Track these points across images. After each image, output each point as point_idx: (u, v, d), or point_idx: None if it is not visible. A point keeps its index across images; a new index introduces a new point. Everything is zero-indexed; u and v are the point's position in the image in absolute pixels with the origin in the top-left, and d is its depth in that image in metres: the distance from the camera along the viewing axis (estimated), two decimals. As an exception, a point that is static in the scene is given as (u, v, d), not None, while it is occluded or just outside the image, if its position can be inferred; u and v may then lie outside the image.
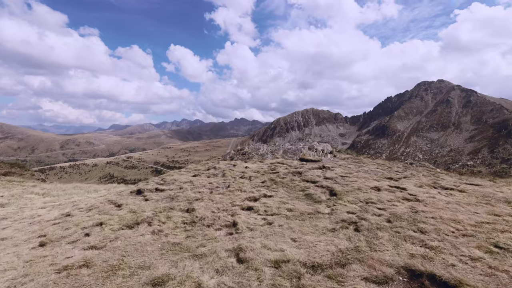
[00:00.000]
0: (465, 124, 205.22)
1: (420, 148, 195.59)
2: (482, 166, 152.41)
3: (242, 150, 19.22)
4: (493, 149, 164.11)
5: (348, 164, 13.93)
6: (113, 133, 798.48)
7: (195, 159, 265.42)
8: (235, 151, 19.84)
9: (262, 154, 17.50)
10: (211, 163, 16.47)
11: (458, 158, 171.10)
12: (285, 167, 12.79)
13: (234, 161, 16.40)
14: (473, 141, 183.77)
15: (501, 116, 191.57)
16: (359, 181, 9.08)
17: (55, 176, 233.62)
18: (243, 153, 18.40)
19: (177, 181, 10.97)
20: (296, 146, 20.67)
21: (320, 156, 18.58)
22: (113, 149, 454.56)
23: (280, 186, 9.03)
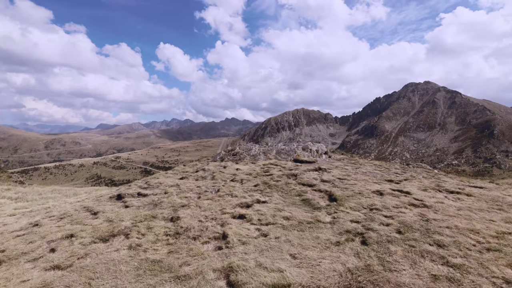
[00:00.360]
0: (450, 125, 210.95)
1: (407, 148, 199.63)
2: (466, 165, 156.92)
3: (233, 151, 18.41)
4: (476, 148, 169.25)
5: (344, 165, 13.48)
6: (100, 132, 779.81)
7: (185, 159, 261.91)
8: (225, 151, 18.99)
9: (254, 155, 16.74)
10: (200, 164, 15.68)
11: (443, 157, 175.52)
12: (279, 168, 12.20)
13: (225, 162, 15.67)
14: (458, 141, 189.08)
15: (484, 117, 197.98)
16: (359, 184, 8.57)
17: (39, 177, 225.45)
18: (234, 153, 17.59)
19: (163, 185, 10.13)
20: (289, 146, 19.93)
21: (315, 156, 17.97)
22: (101, 149, 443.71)
23: (274, 190, 8.38)
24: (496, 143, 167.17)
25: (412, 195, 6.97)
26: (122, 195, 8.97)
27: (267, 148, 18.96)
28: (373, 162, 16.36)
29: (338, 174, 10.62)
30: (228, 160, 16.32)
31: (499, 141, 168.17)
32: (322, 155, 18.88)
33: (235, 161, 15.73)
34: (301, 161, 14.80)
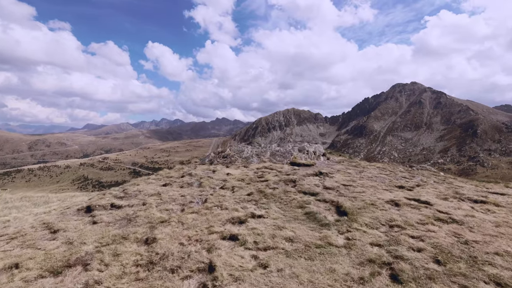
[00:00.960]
0: (436, 124, 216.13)
1: (396, 147, 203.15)
2: (452, 163, 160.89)
3: (224, 153, 17.07)
4: (461, 147, 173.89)
5: (346, 168, 12.45)
6: (87, 133, 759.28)
7: (175, 159, 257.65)
8: (215, 153, 17.73)
9: (247, 157, 15.49)
10: (187, 168, 14.31)
11: (430, 156, 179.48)
12: (274, 173, 11.10)
13: (214, 165, 14.41)
14: (443, 140, 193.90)
15: (468, 117, 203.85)
16: (368, 192, 7.55)
17: (22, 179, 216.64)
18: (224, 156, 16.33)
19: (142, 193, 8.82)
20: (284, 147, 18.67)
21: (312, 159, 16.76)
22: (88, 149, 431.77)
23: (271, 201, 7.30)
24: (479, 142, 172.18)
25: (433, 206, 5.97)
26: (92, 207, 7.59)
27: (261, 149, 17.66)
28: (375, 165, 15.33)
29: (341, 179, 9.57)
30: (217, 163, 15.02)
31: (482, 140, 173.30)
32: (320, 157, 17.75)
33: (226, 164, 14.48)
34: (298, 164, 13.74)
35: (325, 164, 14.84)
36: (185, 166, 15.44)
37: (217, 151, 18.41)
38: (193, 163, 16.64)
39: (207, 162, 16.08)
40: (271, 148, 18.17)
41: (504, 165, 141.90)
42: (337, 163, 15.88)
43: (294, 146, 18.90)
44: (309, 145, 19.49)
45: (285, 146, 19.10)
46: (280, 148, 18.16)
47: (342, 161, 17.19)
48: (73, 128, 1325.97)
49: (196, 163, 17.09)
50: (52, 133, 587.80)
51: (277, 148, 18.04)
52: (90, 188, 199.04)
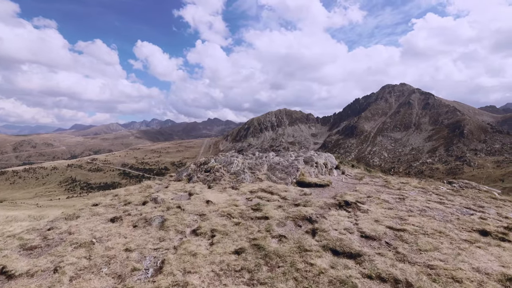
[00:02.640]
0: (424, 125, 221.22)
1: (385, 147, 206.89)
2: (439, 163, 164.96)
3: (207, 165, 13.49)
4: (448, 147, 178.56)
5: (376, 191, 9.61)
6: (75, 133, 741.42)
7: (166, 160, 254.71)
8: (196, 165, 14.07)
9: (236, 172, 11.96)
10: (156, 186, 11.47)
11: (418, 156, 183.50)
12: (277, 202, 8.21)
13: (193, 183, 11.38)
14: (431, 140, 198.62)
15: (455, 118, 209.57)
16: (444, 249, 4.89)
17: (6, 182, 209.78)
18: (207, 169, 12.79)
19: (68, 240, 5.76)
20: (286, 158, 14.95)
21: (324, 173, 13.52)
22: (76, 150, 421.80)
23: (279, 275, 4.29)
24: (466, 142, 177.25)
25: None
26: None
27: (255, 161, 14.03)
28: (408, 182, 11.88)
29: (382, 215, 6.72)
30: (197, 181, 11.77)
31: (469, 140, 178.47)
32: (333, 171, 14.53)
33: (208, 183, 11.26)
34: (308, 184, 10.73)
35: (343, 183, 11.91)
36: (153, 183, 12.27)
37: (198, 162, 14.66)
38: (166, 179, 13.42)
39: (185, 177, 12.69)
40: (268, 159, 14.37)
41: (490, 164, 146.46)
42: (358, 180, 12.85)
43: (298, 156, 15.56)
44: (317, 155, 15.97)
45: (286, 155, 15.74)
46: (281, 159, 14.51)
47: (362, 176, 14.02)
48: (60, 129, 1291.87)
49: (170, 178, 13.44)
50: (38, 134, 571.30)
51: (277, 159, 14.34)
52: (78, 189, 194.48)
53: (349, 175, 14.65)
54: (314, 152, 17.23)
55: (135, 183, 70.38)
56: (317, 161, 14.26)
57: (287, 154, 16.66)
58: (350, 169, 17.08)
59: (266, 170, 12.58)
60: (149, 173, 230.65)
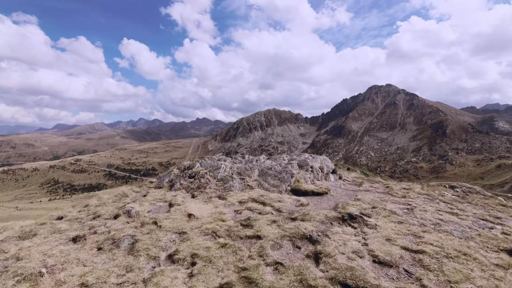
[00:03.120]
0: (409, 125, 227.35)
1: (372, 146, 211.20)
2: (423, 162, 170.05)
3: (192, 169, 12.39)
4: (431, 146, 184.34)
5: (380, 199, 9.06)
6: (57, 133, 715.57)
7: (154, 160, 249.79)
8: (179, 170, 13.03)
9: (224, 178, 10.92)
10: (133, 195, 10.36)
11: (404, 155, 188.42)
12: (270, 215, 7.36)
13: (174, 192, 10.38)
14: (416, 139, 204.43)
15: (438, 118, 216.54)
16: (476, 277, 4.26)
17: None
18: (192, 174, 11.80)
19: (11, 270, 4.67)
20: (278, 161, 13.99)
21: (320, 179, 12.76)
22: (58, 151, 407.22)
23: None
24: (448, 141, 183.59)
25: None
26: None
27: (244, 165, 12.90)
28: (411, 187, 11.30)
29: (393, 231, 6.04)
30: (180, 188, 10.73)
31: (451, 140, 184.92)
32: (329, 176, 13.63)
33: (192, 191, 10.20)
34: (305, 192, 9.91)
35: (342, 190, 11.07)
36: (130, 191, 10.96)
37: (182, 166, 13.39)
38: (145, 186, 12.21)
39: (166, 183, 11.60)
40: (259, 163, 13.26)
41: (470, 163, 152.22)
42: (357, 185, 12.12)
43: (291, 159, 14.48)
44: (312, 158, 14.92)
45: (279, 159, 14.69)
46: (273, 163, 13.44)
47: (361, 181, 13.25)
48: (42, 128, 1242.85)
49: (150, 184, 12.18)
50: (17, 134, 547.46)
51: (269, 163, 13.26)
52: (61, 191, 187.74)
53: (346, 180, 13.89)
54: (308, 155, 16.08)
55: (121, 184, 69.31)
56: (313, 165, 13.31)
57: (279, 157, 15.52)
58: (346, 172, 16.30)
59: (257, 176, 11.51)
60: (136, 174, 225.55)
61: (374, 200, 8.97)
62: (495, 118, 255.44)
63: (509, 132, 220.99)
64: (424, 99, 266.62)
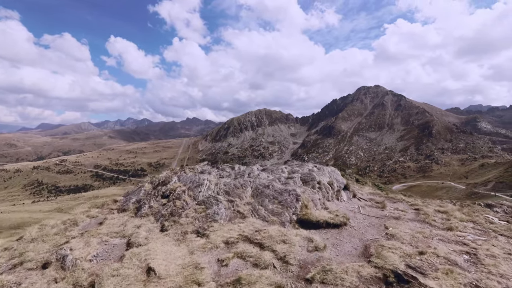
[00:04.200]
0: (396, 125, 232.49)
1: (361, 146, 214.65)
2: (411, 161, 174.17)
3: (167, 185, 10.04)
4: (418, 146, 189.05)
5: (420, 232, 7.08)
6: (41, 133, 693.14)
7: (143, 161, 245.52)
8: (152, 185, 10.66)
9: (207, 200, 8.56)
10: (89, 220, 8.36)
11: (392, 155, 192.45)
12: (271, 270, 5.16)
13: (140, 217, 8.21)
14: (403, 139, 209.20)
15: (424, 118, 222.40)
16: None
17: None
18: (165, 193, 9.47)
19: None
20: (276, 174, 11.52)
21: (331, 197, 10.31)
22: (42, 151, 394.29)
23: None
24: (434, 141, 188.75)
25: None
26: None
27: (234, 180, 10.24)
28: (443, 207, 9.77)
29: None
30: (148, 214, 8.37)
31: (436, 140, 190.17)
32: (341, 193, 11.05)
33: (163, 219, 7.89)
34: (316, 223, 7.55)
35: (363, 216, 8.79)
36: (83, 217, 8.65)
37: (156, 180, 11.03)
38: (106, 207, 9.66)
39: (132, 205, 9.15)
40: (253, 177, 10.69)
41: (455, 162, 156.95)
42: (378, 208, 9.85)
43: (292, 171, 11.93)
44: (318, 170, 12.33)
45: (277, 171, 12.04)
46: (270, 176, 11.02)
47: (380, 200, 10.97)
48: (25, 128, 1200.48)
49: (113, 205, 9.68)
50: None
51: (265, 178, 10.69)
52: (46, 193, 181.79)
53: (362, 198, 11.44)
54: (312, 166, 13.48)
55: (109, 185, 67.48)
56: (320, 180, 10.60)
57: (277, 169, 12.77)
58: (357, 186, 14.01)
59: (250, 197, 8.96)
60: (124, 174, 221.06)
61: (414, 237, 6.69)
62: (478, 119, 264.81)
63: (491, 133, 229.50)
64: (411, 100, 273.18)
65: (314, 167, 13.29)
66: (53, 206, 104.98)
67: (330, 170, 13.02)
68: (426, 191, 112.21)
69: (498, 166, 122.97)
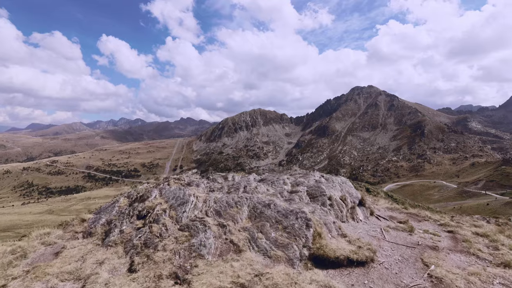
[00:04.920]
0: (390, 125, 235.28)
1: (355, 146, 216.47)
2: (403, 161, 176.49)
3: (143, 202, 8.19)
4: (411, 146, 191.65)
5: (475, 274, 5.55)
6: (32, 133, 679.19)
7: (136, 161, 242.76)
8: (129, 199, 8.82)
9: (192, 225, 6.86)
10: (43, 247, 6.69)
11: (385, 154, 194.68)
12: None
13: (106, 247, 6.49)
14: (396, 139, 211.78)
15: (416, 118, 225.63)
16: None
17: None
18: (142, 212, 7.71)
19: None
20: (277, 186, 9.96)
21: (346, 217, 8.69)
22: (33, 152, 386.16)
23: None
24: (426, 141, 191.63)
25: None
26: None
27: (227, 195, 8.63)
28: (485, 230, 8.34)
29: None
30: (117, 243, 6.65)
31: (428, 139, 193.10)
32: (356, 210, 9.36)
33: (133, 251, 6.20)
34: (335, 260, 5.88)
35: (393, 247, 7.12)
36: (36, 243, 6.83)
37: (134, 194, 9.06)
38: (71, 228, 8.05)
39: (101, 227, 7.36)
40: (249, 192, 9.22)
41: (447, 161, 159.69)
42: (405, 231, 8.22)
43: (296, 183, 10.31)
44: (326, 181, 10.81)
45: (278, 183, 10.35)
46: (270, 190, 9.56)
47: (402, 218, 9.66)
48: (15, 128, 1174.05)
49: (78, 227, 7.83)
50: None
51: (263, 192, 9.31)
52: (36, 195, 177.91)
53: (381, 216, 9.79)
54: (319, 175, 11.67)
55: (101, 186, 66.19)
56: (331, 195, 8.93)
57: (278, 179, 10.80)
58: (370, 199, 12.26)
59: (246, 219, 7.37)
60: (117, 175, 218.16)
61: (470, 283, 5.23)
62: (469, 119, 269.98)
63: (481, 132, 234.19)
64: (403, 100, 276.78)
65: (321, 177, 11.48)
66: (43, 208, 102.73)
67: (341, 181, 11.19)
68: (419, 190, 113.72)
69: (488, 165, 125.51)
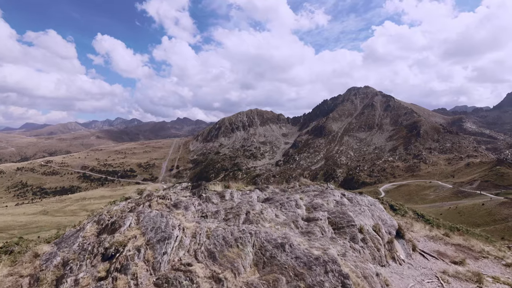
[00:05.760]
0: (386, 125, 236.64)
1: (352, 146, 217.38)
2: (400, 161, 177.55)
3: (113, 234, 6.05)
4: (407, 146, 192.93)
5: None
6: (26, 133, 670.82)
7: (133, 161, 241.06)
8: (98, 224, 6.82)
9: (172, 279, 4.53)
10: None
11: (381, 154, 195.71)
12: None
13: None
14: (392, 139, 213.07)
15: (412, 119, 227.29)
16: None
17: None
18: (109, 250, 5.51)
19: None
20: (289, 210, 7.53)
21: (383, 258, 6.51)
22: (27, 152, 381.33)
23: None
24: (422, 141, 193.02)
25: None
26: None
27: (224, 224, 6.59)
28: None
29: None
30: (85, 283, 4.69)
31: (424, 140, 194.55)
32: (394, 246, 7.02)
33: None
34: None
35: None
36: None
37: (104, 218, 7.02)
38: (17, 267, 5.74)
39: (53, 270, 5.40)
40: (253, 221, 6.66)
41: (442, 161, 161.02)
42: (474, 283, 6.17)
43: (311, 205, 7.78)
44: (349, 202, 8.09)
45: (289, 205, 7.76)
46: (281, 216, 7.22)
47: (453, 253, 7.76)
48: (9, 128, 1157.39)
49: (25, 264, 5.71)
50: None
51: (272, 220, 6.81)
52: (30, 195, 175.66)
53: (427, 253, 7.56)
54: (339, 194, 8.68)
55: (97, 187, 65.88)
56: (361, 226, 6.66)
57: (289, 199, 8.13)
58: (401, 222, 9.43)
59: (252, 268, 5.10)
60: (113, 175, 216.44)
61: None
62: (464, 120, 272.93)
63: (476, 133, 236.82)
64: (399, 100, 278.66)
65: (342, 196, 8.48)
66: (38, 208, 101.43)
67: (368, 202, 8.20)
68: (415, 190, 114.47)
69: (483, 166, 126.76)
